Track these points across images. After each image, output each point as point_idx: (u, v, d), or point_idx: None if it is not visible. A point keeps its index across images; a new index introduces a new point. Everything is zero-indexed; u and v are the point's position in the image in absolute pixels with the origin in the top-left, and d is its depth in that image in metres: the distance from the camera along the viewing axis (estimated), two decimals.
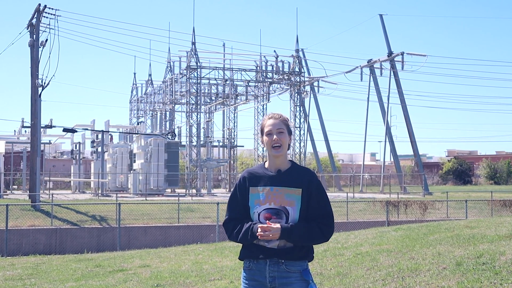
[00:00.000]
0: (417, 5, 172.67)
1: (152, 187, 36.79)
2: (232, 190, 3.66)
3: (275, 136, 3.53)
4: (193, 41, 40.43)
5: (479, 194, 37.24)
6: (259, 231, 3.35)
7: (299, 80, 43.61)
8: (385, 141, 46.41)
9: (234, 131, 49.41)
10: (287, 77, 43.46)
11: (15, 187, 45.82)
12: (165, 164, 37.77)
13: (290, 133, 3.61)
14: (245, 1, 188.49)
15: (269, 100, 45.60)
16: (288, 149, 3.61)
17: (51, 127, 36.18)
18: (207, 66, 42.17)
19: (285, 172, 3.54)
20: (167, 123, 48.72)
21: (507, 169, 62.40)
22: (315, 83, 51.00)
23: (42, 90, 26.31)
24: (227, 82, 44.98)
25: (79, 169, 42.82)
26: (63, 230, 20.97)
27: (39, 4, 27.07)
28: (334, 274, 7.91)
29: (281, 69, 42.75)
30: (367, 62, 47.19)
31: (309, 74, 51.06)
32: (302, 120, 44.79)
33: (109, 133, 43.14)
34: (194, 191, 38.95)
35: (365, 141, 50.02)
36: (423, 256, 8.39)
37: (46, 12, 27.16)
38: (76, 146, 44.36)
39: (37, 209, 23.71)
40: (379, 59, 46.49)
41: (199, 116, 41.57)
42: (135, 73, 57.46)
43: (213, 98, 49.72)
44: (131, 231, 21.30)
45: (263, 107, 46.18)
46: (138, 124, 52.59)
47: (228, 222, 3.59)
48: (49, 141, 52.16)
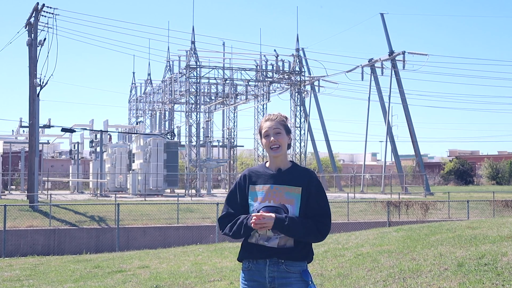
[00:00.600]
0: (418, 4, 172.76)
1: (151, 188, 36.79)
2: (231, 187, 3.67)
3: (272, 137, 3.55)
4: (193, 40, 40.44)
5: (481, 194, 37.25)
6: (253, 220, 3.34)
7: (299, 79, 43.61)
8: (386, 141, 46.42)
9: (234, 131, 49.42)
10: (287, 76, 43.46)
11: (13, 187, 45.81)
12: (164, 164, 37.77)
13: (288, 132, 3.62)
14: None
15: (269, 99, 45.61)
16: (288, 148, 3.62)
17: (49, 127, 36.08)
18: (206, 65, 42.20)
19: (286, 171, 3.56)
20: (167, 123, 48.73)
21: (509, 169, 62.38)
22: (316, 83, 51.01)
23: (40, 89, 26.31)
24: (227, 81, 44.99)
25: (78, 169, 42.80)
26: (61, 230, 20.97)
27: (37, 3, 27.06)
28: (334, 275, 7.91)
29: (281, 69, 42.75)
30: (368, 61, 47.19)
31: (309, 73, 51.10)
32: (302, 120, 44.79)
33: (108, 133, 43.12)
34: (193, 191, 38.95)
35: (366, 141, 50.04)
36: (425, 257, 8.39)
37: (44, 11, 27.16)
38: (74, 146, 44.34)
39: (35, 210, 23.70)
40: (380, 58, 46.48)
41: (198, 115, 41.58)
42: (134, 73, 57.53)
43: (213, 97, 49.73)
44: (130, 232, 21.30)
45: (263, 106, 46.19)
46: (137, 123, 52.61)
47: (223, 217, 3.60)
48: (48, 141, 52.19)
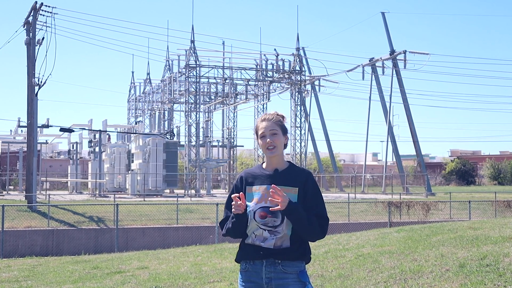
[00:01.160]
0: (420, 3, 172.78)
1: (150, 188, 36.79)
2: (231, 189, 3.70)
3: (268, 138, 3.56)
4: (192, 39, 40.45)
5: (483, 194, 37.25)
6: (271, 191, 3.35)
7: (299, 79, 43.61)
8: (387, 141, 46.42)
9: (233, 131, 49.43)
10: (287, 76, 43.46)
11: (11, 187, 45.81)
12: (164, 164, 37.78)
13: (285, 132, 3.62)
14: None
15: (269, 99, 45.60)
16: (284, 148, 3.63)
17: (47, 126, 36.11)
18: (206, 64, 42.21)
19: (282, 171, 3.58)
20: (166, 123, 48.73)
21: (511, 170, 62.37)
22: (316, 82, 50.98)
23: (38, 89, 26.31)
24: (227, 81, 44.99)
25: (76, 169, 42.81)
26: (60, 231, 20.97)
27: (36, 1, 27.07)
28: (335, 276, 7.91)
29: (281, 68, 42.75)
30: (369, 60, 47.17)
31: (310, 72, 51.08)
32: (303, 119, 44.80)
33: (107, 132, 43.13)
34: (193, 191, 38.96)
35: (366, 141, 50.01)
36: (426, 257, 8.39)
37: (42, 10, 27.16)
38: (73, 146, 44.35)
39: (34, 210, 23.70)
40: (381, 58, 46.47)
41: (198, 115, 41.60)
42: (133, 72, 57.30)
43: (213, 97, 49.76)
44: (129, 232, 21.31)
45: (263, 106, 46.18)
46: (136, 123, 52.60)
47: (223, 221, 3.66)
48: (46, 141, 52.14)
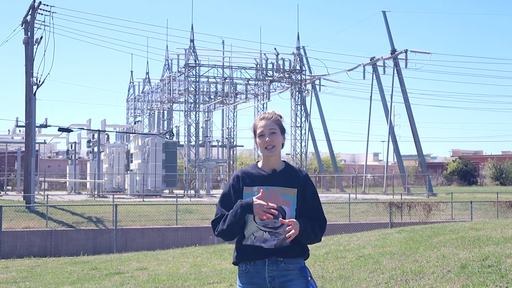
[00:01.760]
0: (421, 2, 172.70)
1: (149, 188, 36.79)
2: (224, 189, 3.62)
3: (267, 137, 3.55)
4: (192, 38, 40.44)
5: (485, 195, 37.25)
6: (291, 231, 3.34)
7: (300, 78, 43.62)
8: (388, 141, 46.43)
9: (233, 131, 49.44)
10: (287, 75, 43.47)
11: (9, 188, 45.81)
12: (163, 164, 37.77)
13: (283, 132, 3.63)
14: None
15: (269, 99, 45.60)
16: (281, 147, 3.63)
17: (46, 126, 36.18)
18: (206, 64, 42.23)
19: (280, 172, 3.56)
20: (165, 123, 48.74)
21: None
22: (317, 82, 50.97)
23: (37, 88, 26.32)
24: (227, 80, 44.99)
25: (75, 169, 42.81)
26: (58, 232, 20.98)
27: (34, 0, 27.07)
28: (336, 277, 7.91)
29: (281, 67, 42.76)
30: (370, 60, 47.17)
31: (310, 72, 51.08)
32: (303, 119, 44.81)
33: (106, 132, 43.14)
34: (192, 192, 38.96)
35: (367, 141, 50.00)
36: (427, 258, 8.39)
37: (41, 8, 27.17)
38: (71, 146, 44.34)
39: (32, 211, 23.71)
40: (382, 57, 46.47)
41: (197, 115, 41.59)
42: (132, 71, 57.31)
43: (212, 96, 49.75)
44: (128, 233, 21.32)
45: (263, 106, 46.18)
46: (135, 123, 52.60)
47: (217, 220, 3.52)
48: (44, 140, 52.14)
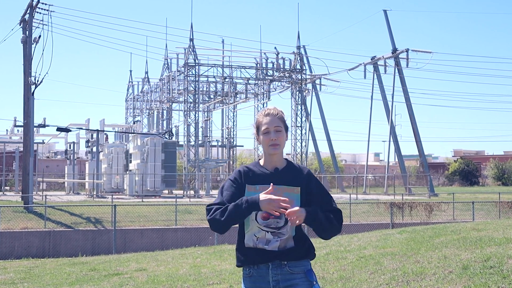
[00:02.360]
0: (422, 1, 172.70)
1: (148, 188, 36.79)
2: (225, 181, 3.54)
3: (272, 135, 3.49)
4: (191, 37, 40.44)
5: (487, 195, 37.25)
6: (287, 211, 3.20)
7: (300, 77, 43.59)
8: (389, 141, 46.44)
9: (233, 131, 49.44)
10: (288, 74, 43.45)
11: (7, 188, 45.81)
12: (162, 164, 37.76)
13: (287, 129, 3.58)
14: None
15: (269, 98, 45.57)
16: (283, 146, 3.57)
17: (44, 126, 36.15)
18: (205, 63, 42.20)
19: (283, 170, 3.50)
20: (164, 122, 48.74)
21: None
22: (317, 81, 50.95)
23: (35, 88, 26.32)
24: (226, 79, 44.98)
25: (73, 169, 42.79)
26: (56, 232, 20.97)
27: None
28: (336, 278, 7.91)
29: (282, 67, 42.75)
30: (371, 59, 47.17)
31: (310, 71, 51.09)
32: (303, 119, 44.78)
33: (105, 132, 43.13)
34: (192, 192, 38.95)
35: (368, 141, 50.01)
36: (429, 259, 8.39)
37: (39, 7, 27.17)
38: (70, 146, 44.32)
39: (30, 211, 23.71)
40: (383, 56, 46.47)
41: (197, 115, 41.59)
42: (131, 71, 57.35)
43: (212, 96, 49.75)
44: (127, 234, 21.32)
45: (263, 105, 46.12)
46: (134, 123, 52.56)
47: (215, 204, 3.42)
48: (43, 140, 52.16)
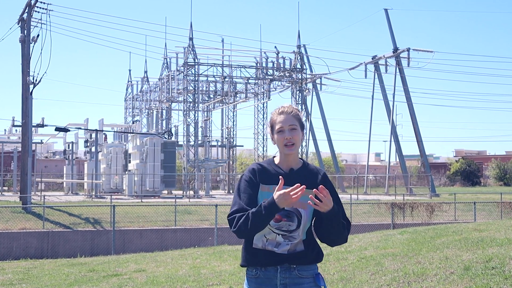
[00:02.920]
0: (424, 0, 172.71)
1: (148, 189, 36.79)
2: (240, 181, 3.37)
3: (287, 134, 3.35)
4: (191, 36, 40.43)
5: (488, 195, 37.26)
6: (317, 191, 3.08)
7: (300, 77, 43.61)
8: (390, 141, 46.44)
9: (233, 130, 49.41)
10: (288, 74, 43.47)
11: (6, 188, 45.80)
12: (162, 164, 37.76)
13: (302, 127, 3.45)
14: None
15: (269, 98, 45.62)
16: (300, 144, 3.44)
17: (42, 126, 36.12)
18: (205, 62, 42.21)
19: (297, 171, 3.38)
20: (164, 122, 48.72)
21: None
22: (318, 81, 51.00)
23: (33, 87, 26.31)
24: (226, 79, 44.98)
25: (72, 169, 42.77)
26: (55, 233, 20.97)
27: None
28: (337, 279, 7.91)
29: (282, 66, 42.76)
30: (372, 58, 47.19)
31: (311, 71, 51.11)
32: (304, 119, 44.60)
33: (103, 132, 43.12)
34: (191, 192, 38.95)
35: (369, 141, 50.05)
36: (430, 260, 8.39)
37: (37, 6, 27.15)
38: (68, 146, 44.30)
39: (28, 212, 23.71)
40: (384, 56, 46.50)
41: (196, 114, 41.60)
42: (130, 70, 57.44)
43: (212, 96, 49.74)
44: (126, 234, 21.31)
45: (263, 105, 46.20)
46: (133, 123, 52.57)
47: (234, 212, 3.25)
48: (41, 140, 52.14)
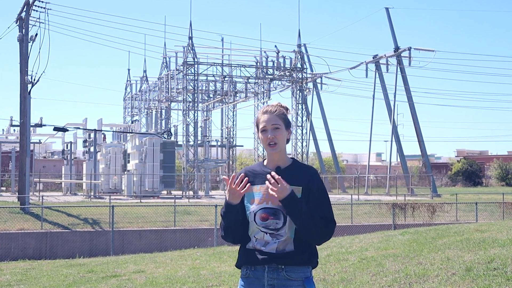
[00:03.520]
0: None
1: (147, 189, 36.79)
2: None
3: (269, 134, 3.37)
4: (190, 35, 40.43)
5: (490, 196, 37.25)
6: (268, 178, 3.19)
7: (301, 76, 43.61)
8: (392, 141, 46.43)
9: (233, 130, 49.44)
10: (288, 73, 43.47)
11: (4, 188, 45.83)
12: (161, 164, 37.76)
13: (288, 126, 3.43)
14: None
15: (269, 97, 45.61)
16: (287, 143, 3.45)
17: (41, 125, 36.11)
18: (204, 62, 42.19)
19: (285, 169, 3.37)
20: (163, 122, 48.73)
21: None
22: (318, 80, 51.00)
23: (31, 87, 26.30)
24: (226, 78, 44.98)
25: (71, 170, 42.79)
26: (53, 234, 20.97)
27: None
28: (338, 280, 7.91)
29: (282, 65, 42.76)
30: (373, 57, 47.20)
31: (311, 70, 51.11)
32: (304, 118, 44.80)
33: (102, 132, 43.12)
34: (191, 193, 38.94)
35: (370, 141, 50.06)
36: (431, 261, 8.39)
37: (36, 5, 27.14)
38: (67, 145, 44.34)
39: (27, 212, 23.71)
40: (385, 55, 46.51)
41: (196, 114, 41.59)
42: (129, 69, 57.66)
43: (211, 95, 49.74)
44: (125, 235, 21.31)
45: (263, 104, 46.08)
46: (132, 122, 52.60)
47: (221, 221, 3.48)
48: (39, 140, 52.16)
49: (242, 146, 59.80)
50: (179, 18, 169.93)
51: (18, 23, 27.62)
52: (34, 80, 26.04)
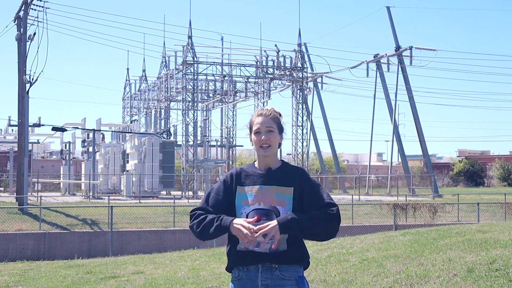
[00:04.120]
0: None
1: (146, 189, 36.81)
2: (217, 183, 3.53)
3: (263, 136, 3.44)
4: (190, 34, 40.44)
5: (492, 196, 37.25)
6: (248, 234, 3.14)
7: (301, 76, 43.62)
8: (393, 141, 46.44)
9: (232, 130, 49.45)
10: (288, 73, 43.47)
11: (1, 189, 45.83)
12: (160, 164, 37.78)
13: (281, 131, 3.51)
14: None
15: (269, 97, 45.64)
16: (278, 147, 3.53)
17: (39, 125, 36.17)
18: (204, 61, 42.20)
19: (276, 170, 3.45)
20: (162, 122, 48.75)
21: None
22: (319, 79, 51.00)
23: (30, 86, 26.31)
24: (226, 78, 45.00)
25: (69, 170, 42.80)
26: (52, 234, 20.97)
27: None
28: (338, 281, 7.92)
29: (282, 65, 42.77)
30: (374, 57, 47.20)
31: (312, 69, 51.10)
32: (304, 118, 44.80)
33: (101, 132, 43.15)
34: (190, 193, 38.96)
35: (371, 141, 50.08)
36: (433, 262, 8.39)
37: (34, 4, 27.14)
38: (66, 145, 44.36)
39: (25, 213, 23.71)
40: (386, 54, 46.52)
41: (196, 114, 41.60)
42: (128, 69, 57.65)
43: (211, 95, 49.75)
44: (124, 236, 21.31)
45: (263, 104, 46.11)
46: (131, 122, 52.61)
47: (196, 209, 3.42)
48: (38, 140, 52.20)
49: (242, 146, 59.75)
50: (178, 17, 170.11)
51: (16, 22, 27.63)
52: (32, 79, 26.05)
